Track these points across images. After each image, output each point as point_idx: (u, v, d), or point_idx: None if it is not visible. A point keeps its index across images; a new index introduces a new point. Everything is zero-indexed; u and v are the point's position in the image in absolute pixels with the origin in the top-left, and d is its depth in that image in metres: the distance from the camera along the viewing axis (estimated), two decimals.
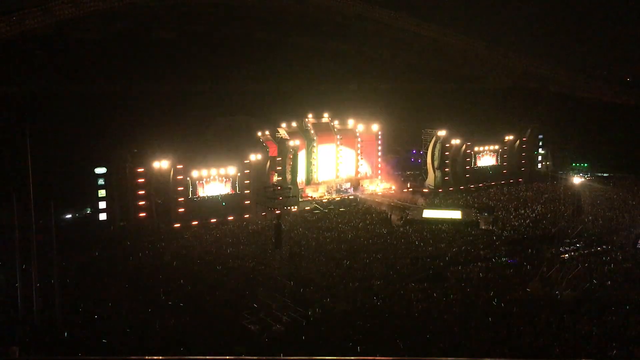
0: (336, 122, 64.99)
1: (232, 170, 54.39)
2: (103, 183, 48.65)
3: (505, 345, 27.25)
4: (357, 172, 66.53)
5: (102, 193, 48.61)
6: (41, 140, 41.57)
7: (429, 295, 33.22)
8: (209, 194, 52.96)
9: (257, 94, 75.17)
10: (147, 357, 26.41)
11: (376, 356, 26.47)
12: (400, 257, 40.48)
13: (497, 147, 71.36)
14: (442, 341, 27.46)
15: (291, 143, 58.51)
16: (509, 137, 72.69)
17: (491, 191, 65.19)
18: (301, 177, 62.05)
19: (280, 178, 57.87)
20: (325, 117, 64.68)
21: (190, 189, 52.06)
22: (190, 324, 29.61)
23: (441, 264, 38.96)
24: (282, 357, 24.76)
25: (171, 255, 41.67)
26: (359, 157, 66.48)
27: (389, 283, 35.36)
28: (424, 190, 65.88)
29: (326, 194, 63.27)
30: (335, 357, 25.54)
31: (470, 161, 69.52)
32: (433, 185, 67.12)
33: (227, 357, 26.36)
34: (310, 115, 63.88)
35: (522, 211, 53.89)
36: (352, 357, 26.02)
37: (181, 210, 51.55)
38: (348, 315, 30.74)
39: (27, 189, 29.70)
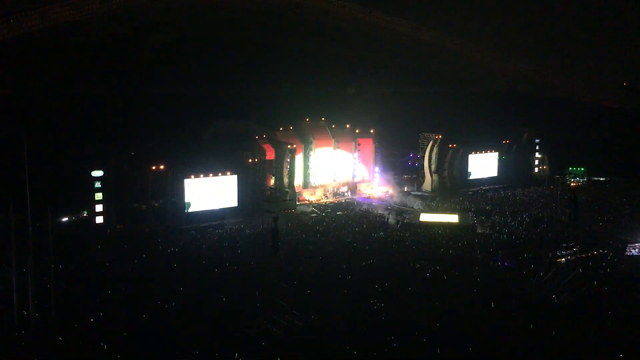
0: (333, 126, 65.10)
1: (229, 173, 54.48)
2: (100, 186, 48.61)
3: (502, 349, 27.25)
4: (354, 176, 66.62)
5: (99, 196, 48.58)
6: (38, 142, 41.55)
7: (426, 299, 33.21)
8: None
9: (255, 98, 75.19)
10: None
11: None
12: (398, 261, 40.47)
13: (494, 151, 71.75)
14: (439, 345, 27.44)
15: (288, 146, 58.57)
16: (506, 141, 72.91)
17: (488, 195, 65.29)
18: (298, 181, 62.11)
19: (278, 181, 57.93)
20: (323, 121, 64.81)
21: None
22: (187, 328, 29.54)
23: (438, 267, 38.95)
24: None
25: (168, 259, 41.60)
26: (356, 161, 66.58)
27: (386, 287, 35.34)
28: (421, 194, 65.95)
29: (323, 197, 63.37)
30: None
31: (467, 165, 69.81)
32: (430, 189, 67.26)
33: None
34: (307, 119, 64.02)
35: (519, 215, 53.93)
36: None
37: (178, 213, 51.59)
38: (345, 319, 30.70)
39: (23, 191, 29.64)
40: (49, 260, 30.49)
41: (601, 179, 71.75)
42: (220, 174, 54.21)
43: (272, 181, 58.04)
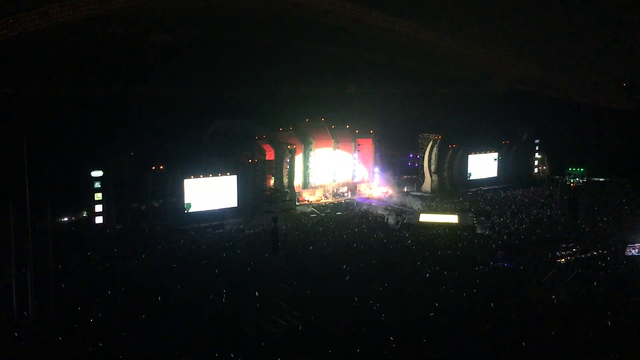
0: (333, 126, 65.13)
1: (229, 173, 54.51)
2: (100, 186, 48.61)
3: (502, 350, 27.27)
4: (354, 176, 66.62)
5: (98, 196, 48.58)
6: (38, 142, 41.49)
7: (425, 300, 33.22)
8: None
9: (255, 98, 75.22)
10: None
11: None
12: (398, 261, 40.49)
13: (493, 151, 71.88)
14: (438, 346, 27.45)
15: (288, 147, 58.58)
16: (506, 142, 72.99)
17: (488, 195, 65.32)
18: (298, 181, 62.11)
19: (278, 182, 57.93)
20: (322, 121, 64.84)
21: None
22: (187, 328, 29.55)
23: (438, 268, 38.95)
24: None
25: (167, 259, 41.60)
26: (356, 161, 66.60)
27: (386, 287, 35.36)
28: (421, 194, 65.97)
29: (323, 197, 63.38)
30: None
31: (467, 165, 69.89)
32: (430, 189, 67.28)
33: None
34: (307, 119, 64.05)
35: (519, 216, 53.97)
36: None
37: (178, 213, 51.60)
38: (345, 319, 30.71)
39: (23, 191, 29.64)
40: (49, 260, 30.47)
41: (601, 179, 71.80)
42: (220, 174, 54.21)
43: (272, 181, 58.05)
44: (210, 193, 53.66)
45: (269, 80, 78.87)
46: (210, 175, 53.54)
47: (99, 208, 48.70)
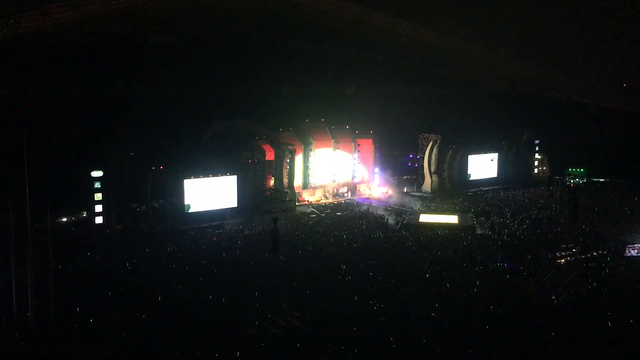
0: (333, 127, 65.15)
1: (229, 174, 54.50)
2: (100, 186, 48.61)
3: (502, 349, 27.26)
4: (354, 176, 66.63)
5: (98, 196, 48.58)
6: (38, 143, 41.51)
7: (425, 300, 33.22)
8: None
9: (255, 98, 75.17)
10: None
11: None
12: (397, 262, 40.48)
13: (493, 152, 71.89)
14: (438, 346, 27.45)
15: (288, 147, 58.59)
16: (505, 142, 73.01)
17: (488, 196, 65.31)
18: (298, 181, 62.11)
19: (278, 182, 57.93)
20: (322, 121, 64.85)
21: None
22: (186, 328, 29.55)
23: (438, 268, 38.96)
24: None
25: (167, 259, 41.60)
26: (356, 161, 66.61)
27: (386, 287, 35.35)
28: (421, 194, 65.97)
29: (323, 198, 63.38)
30: None
31: (467, 166, 69.89)
32: (430, 189, 67.29)
33: None
34: (307, 119, 64.06)
35: (519, 216, 53.95)
36: None
37: (178, 214, 51.59)
38: (344, 319, 30.71)
39: (23, 191, 29.64)
40: (49, 260, 30.48)
41: (600, 180, 71.81)
42: (220, 175, 54.21)
43: (272, 181, 58.06)
44: (210, 193, 53.65)
45: (269, 80, 78.82)
46: (210, 175, 53.54)
47: (99, 208, 48.68)
